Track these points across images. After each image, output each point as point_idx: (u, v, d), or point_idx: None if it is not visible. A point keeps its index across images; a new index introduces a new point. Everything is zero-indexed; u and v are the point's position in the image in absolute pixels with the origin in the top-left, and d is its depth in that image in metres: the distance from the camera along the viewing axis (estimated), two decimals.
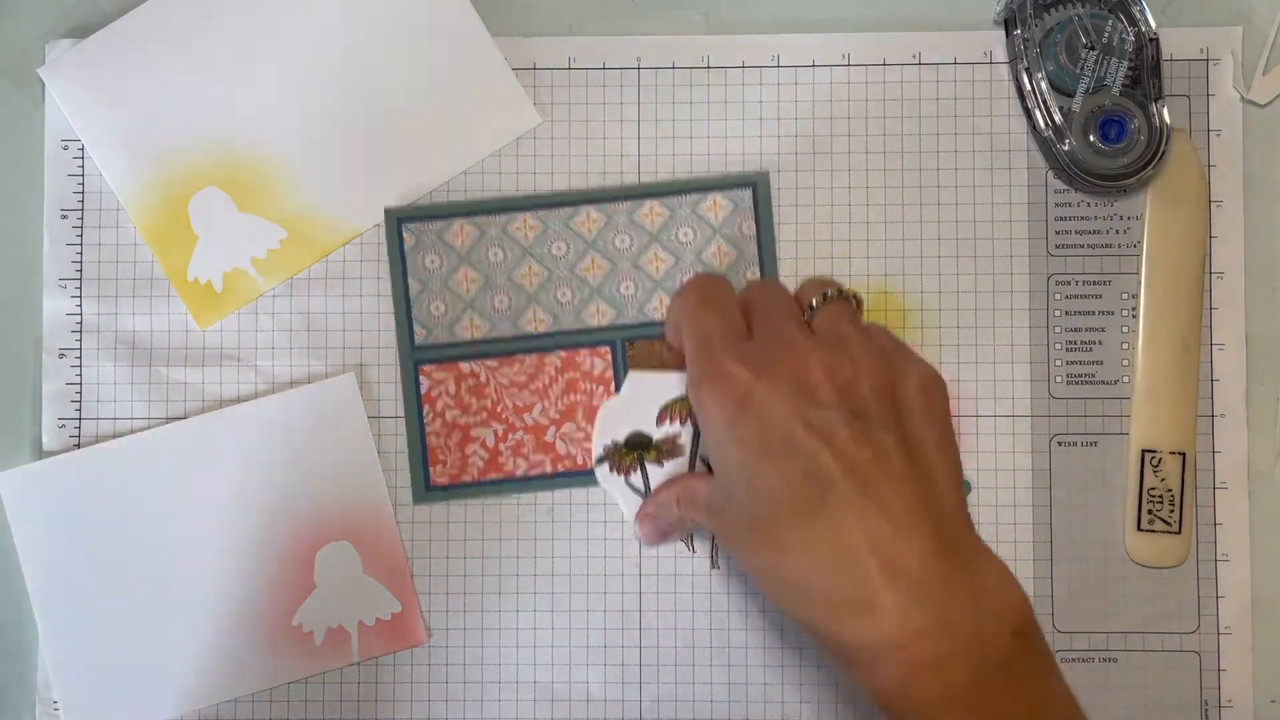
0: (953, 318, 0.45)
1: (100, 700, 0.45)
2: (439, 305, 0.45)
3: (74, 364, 0.46)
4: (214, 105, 0.46)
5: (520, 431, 0.45)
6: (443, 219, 0.45)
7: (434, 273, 0.45)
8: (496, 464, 0.45)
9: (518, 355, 0.45)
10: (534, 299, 0.45)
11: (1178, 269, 0.45)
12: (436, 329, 0.45)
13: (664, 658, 0.45)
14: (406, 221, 0.45)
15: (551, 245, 0.45)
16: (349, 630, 0.45)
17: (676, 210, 0.45)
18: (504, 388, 0.45)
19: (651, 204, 0.45)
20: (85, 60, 0.45)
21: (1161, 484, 0.44)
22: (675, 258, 0.45)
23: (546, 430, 0.45)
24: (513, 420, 0.45)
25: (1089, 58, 0.44)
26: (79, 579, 0.45)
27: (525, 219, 0.45)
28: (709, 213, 0.45)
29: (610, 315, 0.45)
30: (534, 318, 0.45)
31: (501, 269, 0.45)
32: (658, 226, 0.45)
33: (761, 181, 0.45)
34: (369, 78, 0.46)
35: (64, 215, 0.46)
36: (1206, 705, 0.44)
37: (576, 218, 0.45)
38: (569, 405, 0.45)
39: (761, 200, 0.45)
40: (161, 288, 0.46)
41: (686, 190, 0.45)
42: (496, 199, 0.45)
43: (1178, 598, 0.45)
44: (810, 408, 0.35)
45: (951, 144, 0.46)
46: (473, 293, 0.45)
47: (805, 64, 0.46)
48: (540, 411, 0.45)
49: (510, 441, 0.45)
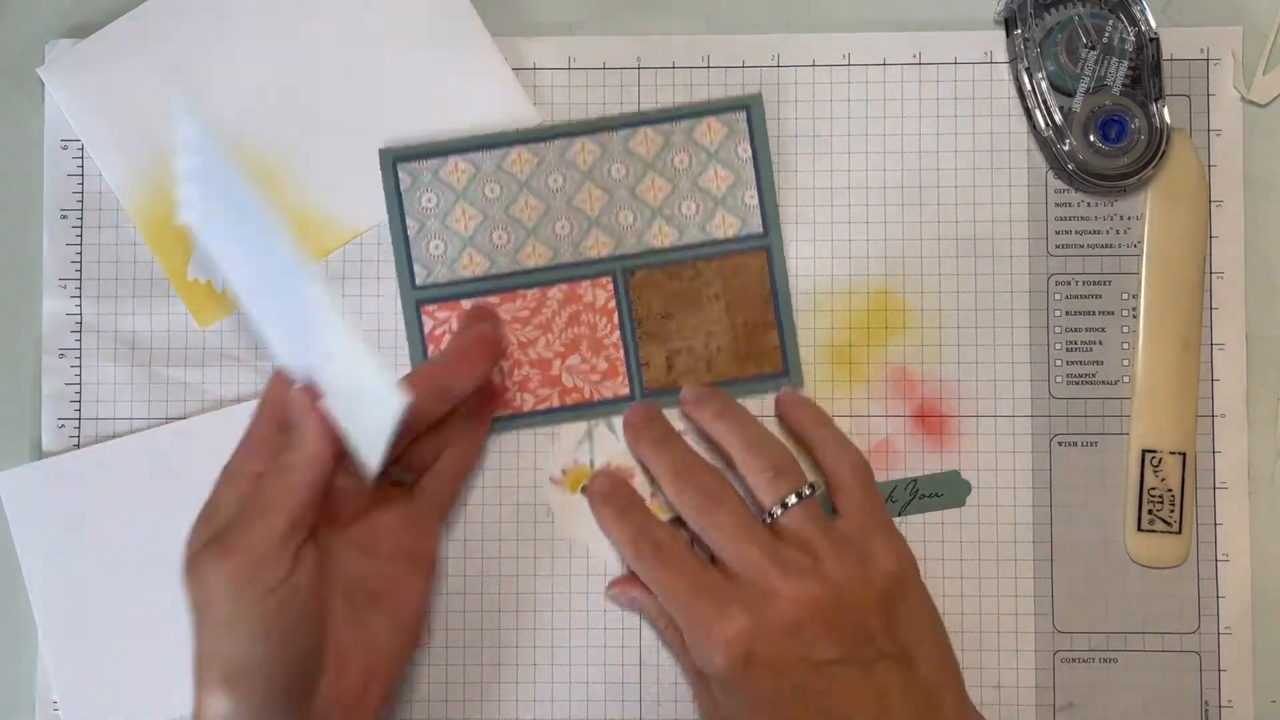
0: (953, 318, 0.45)
1: (100, 700, 0.45)
2: (438, 244, 0.45)
3: (74, 364, 0.46)
4: (214, 105, 0.46)
5: (525, 367, 0.45)
6: (438, 157, 0.45)
7: (431, 212, 0.45)
8: (504, 400, 0.45)
9: (519, 290, 0.45)
10: (533, 233, 0.45)
11: (1178, 269, 0.45)
12: (437, 268, 0.45)
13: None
14: (402, 161, 0.45)
15: (548, 178, 0.45)
16: None
17: (671, 137, 0.45)
18: (507, 323, 0.45)
19: (645, 131, 0.45)
20: (85, 60, 0.45)
21: (1162, 484, 0.44)
22: (672, 184, 0.45)
23: (552, 364, 0.45)
24: (517, 356, 0.45)
25: (1089, 58, 0.44)
26: (79, 579, 0.45)
27: (520, 153, 0.45)
28: (703, 137, 0.45)
29: (610, 246, 0.45)
30: (533, 252, 0.45)
31: (499, 204, 0.45)
32: (653, 154, 0.45)
33: (756, 104, 0.45)
34: (369, 77, 0.46)
35: (64, 215, 0.46)
36: (1206, 705, 0.44)
37: (571, 149, 0.45)
38: (573, 338, 0.45)
39: (756, 123, 0.45)
40: (161, 288, 0.46)
41: (680, 116, 0.45)
42: (490, 134, 0.45)
43: (1178, 598, 0.45)
44: (810, 652, 0.38)
45: (951, 144, 0.46)
46: (471, 230, 0.45)
47: (805, 64, 0.46)
48: (544, 346, 0.45)
49: (516, 377, 0.45)
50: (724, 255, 0.45)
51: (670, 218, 0.45)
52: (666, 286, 0.45)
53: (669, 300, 0.45)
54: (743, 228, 0.45)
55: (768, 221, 0.45)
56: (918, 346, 0.45)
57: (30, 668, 0.45)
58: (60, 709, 0.45)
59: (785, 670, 0.38)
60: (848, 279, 0.45)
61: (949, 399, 0.45)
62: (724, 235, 0.45)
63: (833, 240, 0.45)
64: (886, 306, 0.45)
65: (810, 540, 0.39)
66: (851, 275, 0.45)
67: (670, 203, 0.45)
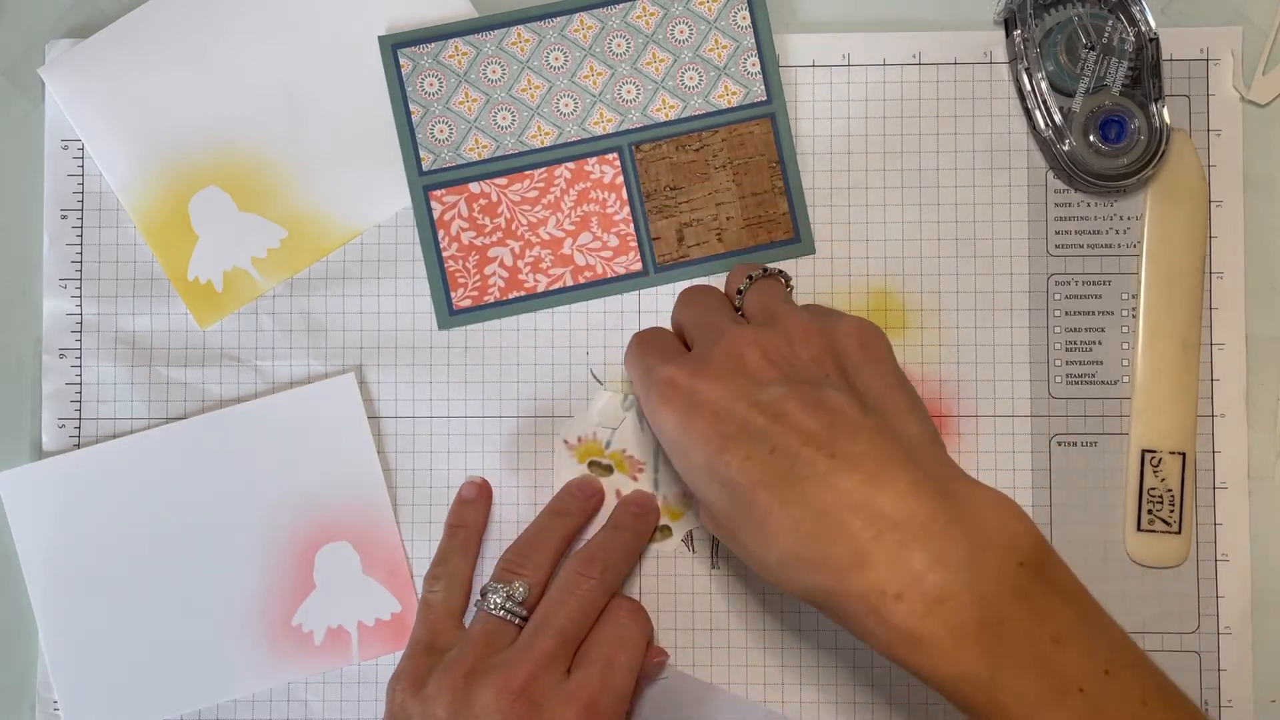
0: (953, 318, 0.45)
1: (100, 700, 0.45)
2: (442, 128, 0.45)
3: (74, 364, 0.46)
4: (214, 105, 0.46)
5: (537, 247, 0.45)
6: (438, 40, 0.45)
7: (434, 96, 0.45)
8: (517, 281, 0.45)
9: (526, 171, 0.45)
10: (537, 112, 0.45)
11: (1178, 269, 0.45)
12: (442, 153, 0.45)
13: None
14: (401, 47, 0.45)
15: (549, 56, 0.45)
16: (349, 630, 0.45)
17: (670, 8, 0.45)
18: (515, 205, 0.45)
19: (644, 4, 0.45)
20: (85, 60, 0.45)
21: (1161, 484, 0.44)
22: (673, 56, 0.45)
23: (563, 243, 0.45)
24: (528, 236, 0.45)
25: (1089, 58, 0.44)
26: (79, 579, 0.45)
27: (519, 32, 0.45)
28: (702, 7, 0.45)
29: (615, 121, 0.45)
30: (539, 131, 0.45)
31: (501, 85, 0.45)
32: (653, 26, 0.45)
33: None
34: (369, 77, 0.45)
35: (64, 215, 0.46)
36: (1206, 705, 0.44)
37: (571, 26, 0.45)
38: (583, 216, 0.45)
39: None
40: (161, 288, 0.46)
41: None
42: (489, 16, 0.45)
43: (1178, 598, 0.45)
44: (754, 388, 0.35)
45: (951, 144, 0.46)
46: (475, 112, 0.45)
47: (805, 64, 0.46)
48: (555, 225, 0.45)
49: (528, 258, 0.45)
50: (729, 125, 0.45)
51: (673, 90, 0.45)
52: (673, 159, 0.45)
53: (676, 173, 0.45)
54: (746, 96, 0.45)
55: (771, 88, 0.45)
56: (918, 346, 0.45)
57: (30, 668, 0.45)
58: (60, 709, 0.45)
59: (728, 408, 0.35)
60: (847, 279, 0.45)
61: (949, 399, 0.45)
62: (728, 104, 0.45)
63: (832, 240, 0.45)
64: (886, 306, 0.45)
65: (770, 305, 0.39)
66: (851, 275, 0.45)
67: (673, 74, 0.45)
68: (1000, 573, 0.32)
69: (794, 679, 0.45)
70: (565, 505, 0.44)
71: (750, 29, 0.45)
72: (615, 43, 0.45)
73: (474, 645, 0.40)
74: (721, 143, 0.45)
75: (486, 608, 0.41)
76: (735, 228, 0.45)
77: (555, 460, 0.45)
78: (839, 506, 0.32)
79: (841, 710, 0.44)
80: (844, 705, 0.44)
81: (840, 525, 0.32)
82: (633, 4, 0.45)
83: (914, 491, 0.32)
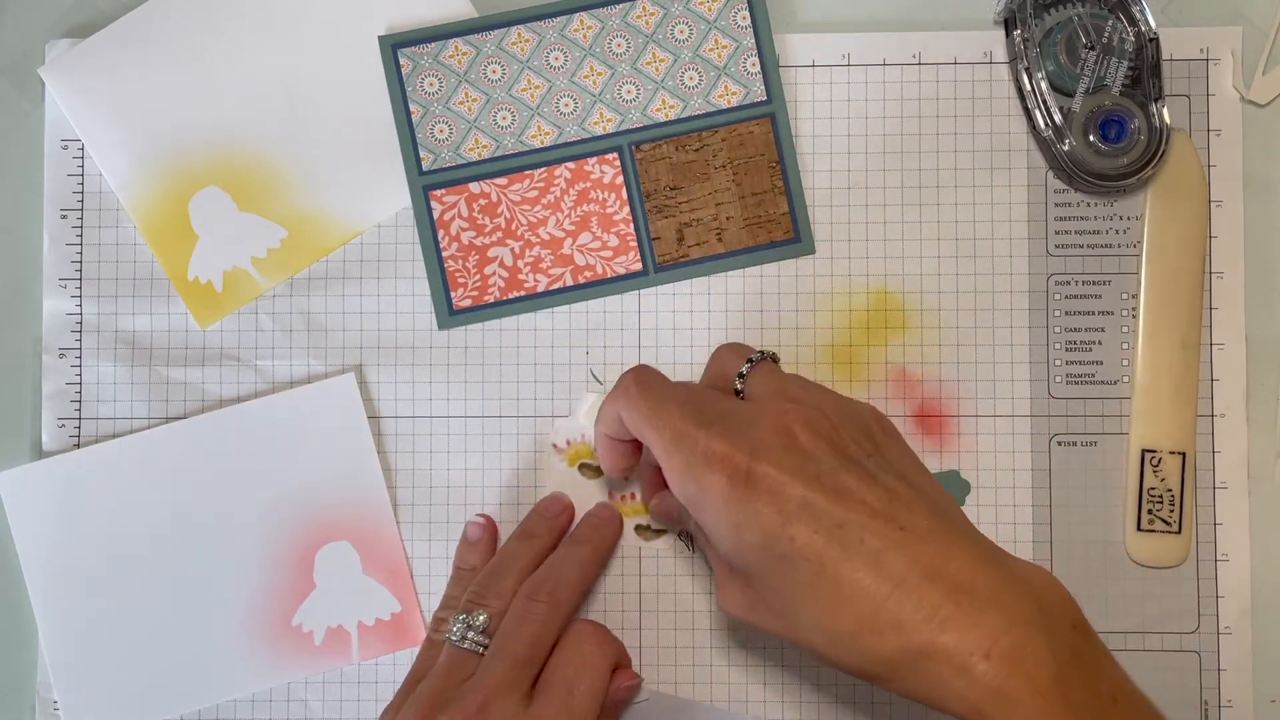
0: (953, 318, 0.45)
1: (100, 700, 0.45)
2: (443, 128, 0.45)
3: (74, 364, 0.46)
4: (214, 105, 0.46)
5: (537, 247, 0.45)
6: (438, 40, 0.45)
7: (434, 96, 0.45)
8: (517, 281, 0.45)
9: (526, 171, 0.45)
10: (537, 112, 0.45)
11: (1178, 269, 0.45)
12: (442, 152, 0.45)
13: (664, 658, 0.45)
14: (401, 47, 0.45)
15: (549, 56, 0.45)
16: (349, 630, 0.45)
17: (670, 8, 0.45)
18: (515, 204, 0.45)
19: (644, 4, 0.45)
20: (85, 60, 0.45)
21: (1161, 484, 0.44)
22: (673, 56, 0.45)
23: (563, 243, 0.45)
24: (528, 236, 0.45)
25: (1089, 58, 0.44)
26: (79, 579, 0.45)
27: (519, 32, 0.45)
28: (702, 7, 0.45)
29: (614, 121, 0.45)
30: (538, 131, 0.45)
31: (501, 85, 0.45)
32: (653, 26, 0.45)
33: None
34: (369, 77, 0.46)
35: (64, 215, 0.46)
36: (1206, 705, 0.44)
37: (570, 26, 0.45)
38: (583, 216, 0.45)
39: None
40: (161, 287, 0.46)
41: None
42: (489, 16, 0.45)
43: (1178, 598, 0.45)
44: (811, 465, 0.36)
45: (951, 144, 0.46)
46: (475, 112, 0.45)
47: (805, 64, 0.46)
48: (555, 225, 0.45)
49: (528, 258, 0.45)
50: (729, 125, 0.45)
51: (673, 89, 0.45)
52: (673, 159, 0.45)
53: (676, 172, 0.45)
54: (746, 96, 0.45)
55: (771, 88, 0.45)
56: (917, 346, 0.45)
57: (30, 668, 0.45)
58: (60, 709, 0.45)
59: (790, 490, 0.35)
60: (847, 279, 0.45)
61: (949, 399, 0.45)
62: (728, 104, 0.45)
63: (832, 240, 0.45)
64: (886, 306, 0.45)
65: (785, 387, 0.39)
66: (851, 275, 0.45)
67: (673, 74, 0.45)
68: (1061, 633, 0.33)
69: (794, 678, 0.45)
70: (532, 527, 0.44)
71: (750, 29, 0.45)
72: (615, 43, 0.45)
73: (438, 677, 0.40)
74: (721, 143, 0.45)
75: (450, 638, 0.41)
76: (735, 227, 0.45)
77: (544, 464, 0.45)
78: (915, 575, 0.33)
79: (842, 709, 0.44)
80: (844, 705, 0.44)
81: (919, 591, 0.33)
82: (633, 4, 0.45)
83: (979, 562, 0.34)
